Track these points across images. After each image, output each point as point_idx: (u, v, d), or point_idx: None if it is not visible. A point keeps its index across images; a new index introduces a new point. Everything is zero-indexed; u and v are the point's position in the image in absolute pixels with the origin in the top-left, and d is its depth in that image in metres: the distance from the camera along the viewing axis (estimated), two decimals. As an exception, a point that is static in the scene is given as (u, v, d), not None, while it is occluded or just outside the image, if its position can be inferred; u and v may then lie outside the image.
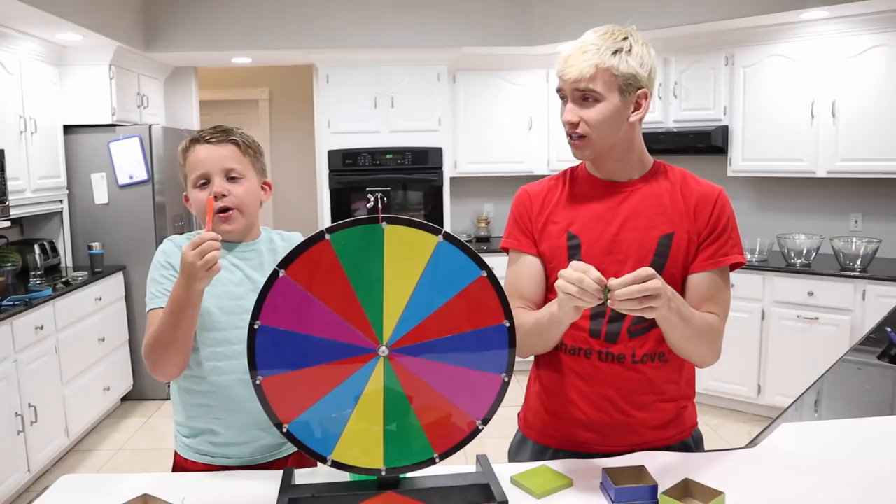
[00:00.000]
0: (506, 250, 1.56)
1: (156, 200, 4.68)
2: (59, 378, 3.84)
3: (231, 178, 1.54)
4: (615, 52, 1.36)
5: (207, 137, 1.55)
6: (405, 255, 1.23)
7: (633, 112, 1.40)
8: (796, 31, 4.19)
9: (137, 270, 4.70)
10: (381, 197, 1.14)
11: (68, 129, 4.60)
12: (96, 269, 4.45)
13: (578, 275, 1.23)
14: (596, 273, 1.22)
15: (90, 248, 4.49)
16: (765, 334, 4.18)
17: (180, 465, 1.57)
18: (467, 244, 1.27)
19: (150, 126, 4.71)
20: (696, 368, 1.54)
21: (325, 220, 5.17)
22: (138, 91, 5.07)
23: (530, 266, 1.49)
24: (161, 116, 5.45)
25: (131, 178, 4.70)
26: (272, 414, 1.25)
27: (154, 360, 1.44)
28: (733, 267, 1.44)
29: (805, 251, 4.14)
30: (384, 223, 1.22)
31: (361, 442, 1.27)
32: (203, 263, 1.32)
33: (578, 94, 1.38)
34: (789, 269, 4.10)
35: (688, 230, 1.41)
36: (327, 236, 1.23)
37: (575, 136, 1.40)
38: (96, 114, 4.61)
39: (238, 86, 6.80)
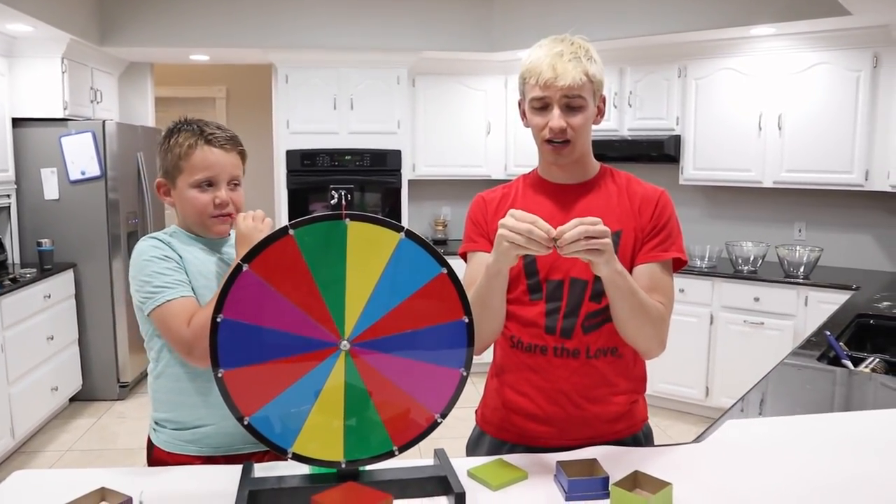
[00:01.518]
0: (464, 256, 1.60)
1: (109, 197, 4.60)
2: (5, 377, 3.75)
3: (234, 186, 1.59)
4: (588, 59, 1.43)
5: (222, 143, 1.56)
6: (367, 251, 1.25)
7: (596, 116, 1.49)
8: (746, 46, 4.29)
9: (89, 267, 4.61)
10: (344, 194, 1.15)
11: (17, 122, 4.49)
12: (45, 266, 4.35)
13: (527, 226, 1.27)
14: (545, 223, 1.27)
15: (39, 244, 4.39)
16: (713, 338, 4.26)
17: (161, 459, 1.55)
18: (429, 242, 1.29)
19: (104, 121, 4.62)
20: (647, 364, 1.60)
21: (283, 221, 5.10)
22: (91, 85, 4.98)
23: (487, 261, 1.51)
24: (115, 112, 5.36)
25: (83, 173, 4.61)
26: (233, 407, 1.25)
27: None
28: (677, 266, 1.50)
29: (752, 258, 4.23)
30: (347, 220, 1.24)
31: (322, 435, 1.28)
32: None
33: (566, 101, 1.43)
34: (737, 275, 4.18)
35: (633, 228, 1.48)
36: (291, 232, 1.25)
37: (558, 141, 1.45)
38: (47, 107, 4.51)
39: (195, 83, 6.72)
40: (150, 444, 1.61)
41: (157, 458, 1.57)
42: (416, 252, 1.27)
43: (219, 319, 1.23)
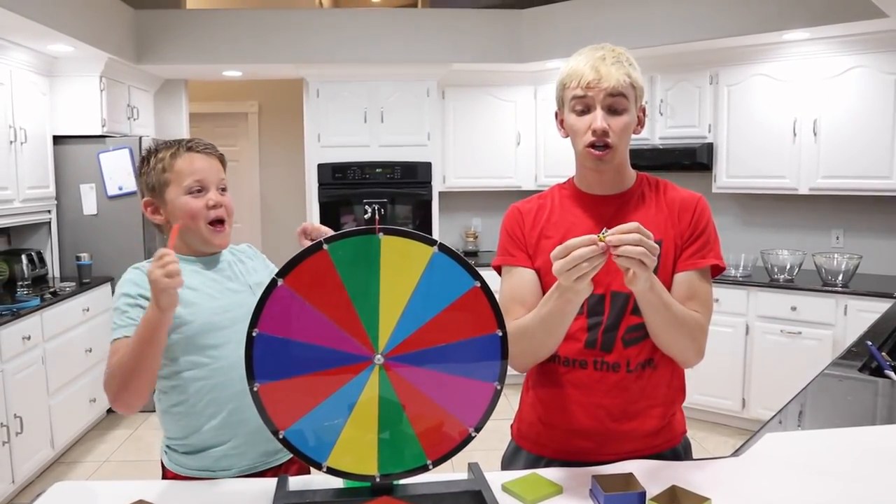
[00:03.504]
0: (499, 269, 1.56)
1: (145, 212, 4.65)
2: (46, 389, 3.82)
3: (222, 190, 1.58)
4: (630, 65, 1.42)
5: (200, 148, 1.57)
6: (401, 265, 1.25)
7: (637, 126, 1.46)
8: (779, 52, 4.24)
9: (125, 282, 4.67)
10: (377, 208, 1.14)
11: (58, 139, 4.60)
12: (84, 280, 4.44)
13: (571, 253, 1.22)
14: (579, 239, 1.22)
15: (78, 258, 4.48)
16: (749, 348, 4.20)
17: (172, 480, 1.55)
18: (462, 256, 1.29)
19: (140, 137, 4.71)
20: (685, 375, 1.57)
21: None
22: (128, 103, 5.07)
23: (528, 277, 1.49)
24: (151, 128, 5.45)
25: (121, 189, 4.69)
26: (269, 421, 1.26)
27: (116, 390, 1.39)
28: (714, 272, 1.47)
29: (788, 267, 4.16)
30: (381, 234, 1.24)
31: (356, 449, 1.28)
32: (165, 273, 1.31)
33: (609, 102, 1.40)
34: (773, 284, 4.12)
35: (673, 236, 1.45)
36: (325, 246, 1.25)
37: (600, 145, 1.41)
38: (86, 125, 4.60)
39: (227, 98, 6.78)
40: (163, 466, 1.60)
41: (166, 478, 1.56)
42: (449, 265, 1.26)
43: (254, 334, 1.24)
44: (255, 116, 6.90)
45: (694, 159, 4.53)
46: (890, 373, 2.33)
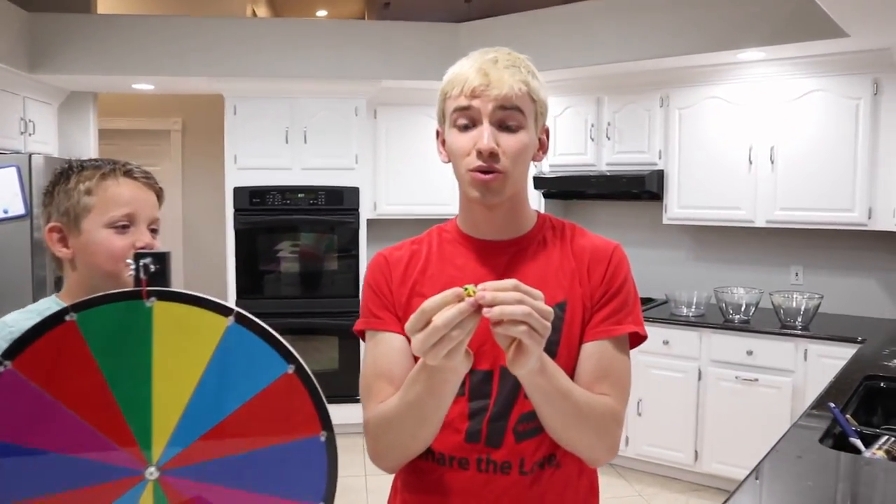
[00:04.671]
0: (361, 334, 1.31)
1: (34, 238, 4.25)
2: None
3: (152, 231, 1.39)
4: (529, 73, 1.21)
5: (139, 175, 1.39)
6: (183, 342, 0.97)
7: (538, 151, 1.26)
8: (734, 73, 4.13)
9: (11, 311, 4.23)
10: (148, 263, 0.89)
11: (-69, 157, 4.15)
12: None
13: (432, 321, 0.97)
14: (438, 297, 0.97)
15: (-52, 293, 4.02)
16: (702, 396, 3.99)
17: None
18: (269, 329, 0.95)
19: (30, 155, 4.29)
20: (623, 431, 1.33)
21: (230, 266, 4.85)
22: (22, 116, 4.66)
23: (397, 346, 1.24)
24: (53, 145, 5.04)
25: (6, 212, 4.25)
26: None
27: None
28: (634, 342, 1.26)
29: (744, 306, 3.97)
30: (152, 299, 0.95)
31: None
32: None
33: (500, 116, 1.18)
34: (727, 325, 3.95)
35: (581, 295, 1.24)
36: (72, 316, 0.96)
37: (487, 169, 1.18)
38: (-35, 141, 4.18)
39: (149, 114, 6.46)
40: None
41: None
42: (252, 343, 0.97)
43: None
44: (178, 135, 6.59)
45: (643, 188, 4.35)
46: (856, 441, 2.06)
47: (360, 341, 1.32)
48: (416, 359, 1.23)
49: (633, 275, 1.29)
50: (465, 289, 0.96)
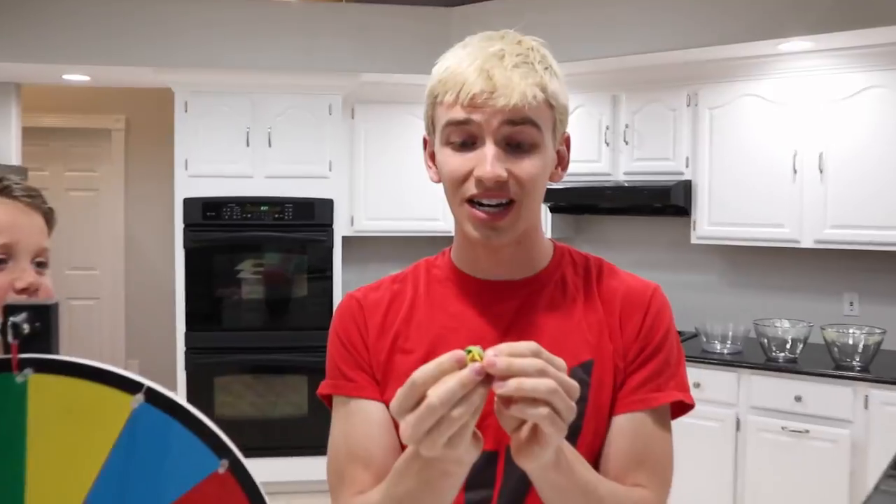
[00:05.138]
0: (327, 400, 1.23)
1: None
2: None
3: (39, 265, 1.28)
4: (546, 70, 1.10)
5: (19, 194, 1.28)
6: (72, 431, 0.82)
7: (556, 168, 1.17)
8: (775, 67, 4.10)
9: None
10: (15, 323, 0.75)
11: None
12: None
13: (427, 399, 0.85)
14: (434, 364, 0.85)
15: None
16: (741, 450, 3.93)
17: None
18: (194, 411, 0.79)
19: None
20: None
21: (179, 291, 4.75)
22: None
23: (376, 416, 1.16)
24: (-35, 146, 4.87)
25: None
26: None
27: None
28: (677, 412, 1.19)
29: (789, 342, 3.93)
30: (26, 371, 0.80)
31: None
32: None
33: (507, 132, 1.07)
34: (770, 365, 3.90)
35: (612, 353, 1.16)
36: None
37: (491, 204, 1.09)
38: None
39: (86, 111, 6.38)
40: None
41: None
42: (169, 430, 0.81)
43: None
44: (120, 135, 6.53)
45: (667, 201, 4.34)
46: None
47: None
48: (401, 443, 1.10)
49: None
50: (468, 351, 0.85)
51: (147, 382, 0.78)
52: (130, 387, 0.79)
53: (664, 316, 1.19)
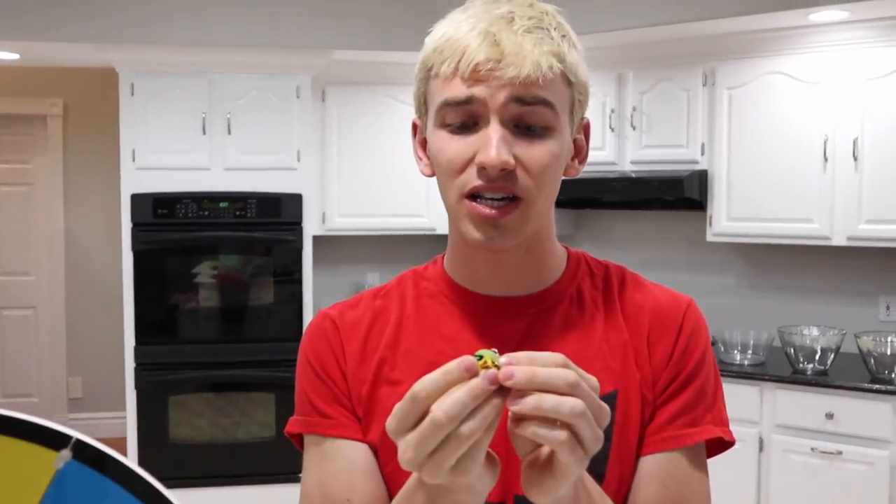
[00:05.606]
0: (297, 440, 1.20)
1: None
2: None
3: None
4: (564, 38, 1.07)
5: None
6: None
7: (573, 160, 1.14)
8: (804, 40, 4.12)
9: None
10: None
11: None
12: None
13: (431, 414, 0.82)
14: (439, 373, 0.83)
15: None
16: (764, 474, 3.97)
17: None
18: (134, 469, 0.75)
19: None
20: None
21: (128, 299, 4.73)
22: None
23: (359, 460, 1.13)
24: None
25: None
26: None
27: None
28: (715, 450, 1.16)
29: (819, 352, 3.95)
30: None
31: None
32: None
33: (516, 111, 1.03)
34: (797, 378, 3.92)
35: (639, 383, 1.13)
36: None
37: (496, 198, 1.05)
38: None
39: (15, 94, 6.35)
40: None
41: None
42: (102, 492, 0.78)
43: None
44: (57, 121, 6.49)
45: (680, 194, 4.38)
46: None
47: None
48: (389, 485, 1.12)
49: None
50: (479, 356, 0.81)
51: (75, 434, 0.74)
52: (54, 440, 0.75)
53: (700, 336, 1.16)
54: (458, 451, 0.81)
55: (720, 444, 1.14)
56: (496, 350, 0.83)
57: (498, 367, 0.80)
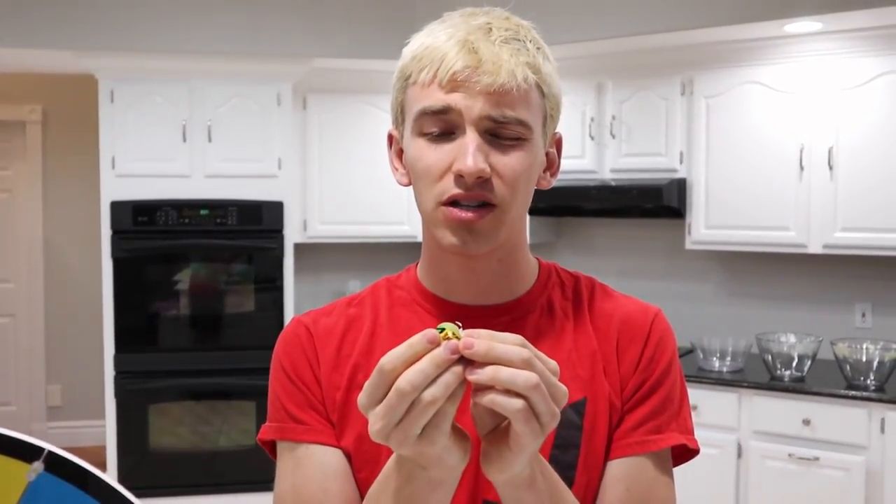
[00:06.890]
0: (270, 447, 1.21)
1: None
2: None
3: None
4: (539, 51, 1.10)
5: None
6: None
7: (545, 171, 1.17)
8: (779, 51, 4.15)
9: None
10: None
11: None
12: None
13: (396, 384, 0.86)
14: (404, 346, 0.87)
15: None
16: (743, 479, 3.98)
17: None
18: (109, 482, 0.73)
19: None
20: None
21: (107, 307, 4.70)
22: None
23: (333, 465, 1.14)
24: None
25: None
26: None
27: None
28: (681, 458, 1.19)
29: (796, 359, 3.96)
30: None
31: None
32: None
33: (493, 120, 1.05)
34: (775, 384, 3.94)
35: (608, 391, 1.16)
36: None
37: (471, 205, 1.07)
38: None
39: None
40: None
41: None
42: (74, 500, 0.78)
43: None
44: (36, 127, 6.45)
45: (659, 202, 4.38)
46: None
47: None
48: (361, 490, 1.12)
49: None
50: (441, 329, 0.86)
51: (47, 447, 0.74)
52: (27, 453, 0.75)
53: (667, 345, 1.18)
54: (422, 417, 0.84)
55: (685, 453, 1.17)
56: (459, 324, 0.87)
57: (459, 339, 0.85)
